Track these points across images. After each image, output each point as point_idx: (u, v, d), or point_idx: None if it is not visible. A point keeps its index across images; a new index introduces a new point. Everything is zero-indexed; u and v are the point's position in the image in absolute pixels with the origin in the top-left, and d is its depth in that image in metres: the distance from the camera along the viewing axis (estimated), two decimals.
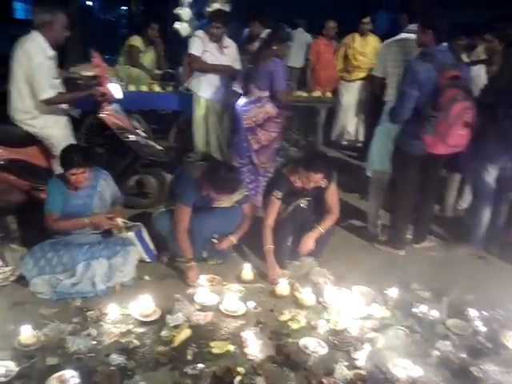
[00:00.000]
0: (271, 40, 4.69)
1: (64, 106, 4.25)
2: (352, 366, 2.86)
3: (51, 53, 3.99)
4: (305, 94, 6.76)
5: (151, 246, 3.97)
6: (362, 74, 7.14)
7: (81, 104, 4.86)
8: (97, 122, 4.72)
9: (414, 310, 3.45)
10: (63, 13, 4.00)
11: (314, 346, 3.00)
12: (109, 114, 4.44)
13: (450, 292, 3.66)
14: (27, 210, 3.77)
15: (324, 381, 2.69)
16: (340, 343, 3.04)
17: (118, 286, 3.49)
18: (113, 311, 3.20)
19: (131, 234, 3.81)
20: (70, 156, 3.46)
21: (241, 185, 3.91)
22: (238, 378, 2.67)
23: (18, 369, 2.64)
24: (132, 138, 4.57)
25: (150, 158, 4.73)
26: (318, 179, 3.70)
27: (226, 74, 5.59)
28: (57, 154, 3.83)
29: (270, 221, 3.89)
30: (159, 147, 4.87)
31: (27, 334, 2.84)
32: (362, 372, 2.80)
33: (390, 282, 3.76)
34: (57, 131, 4.16)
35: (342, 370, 2.78)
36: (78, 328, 3.04)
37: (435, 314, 3.40)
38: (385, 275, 3.95)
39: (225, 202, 3.88)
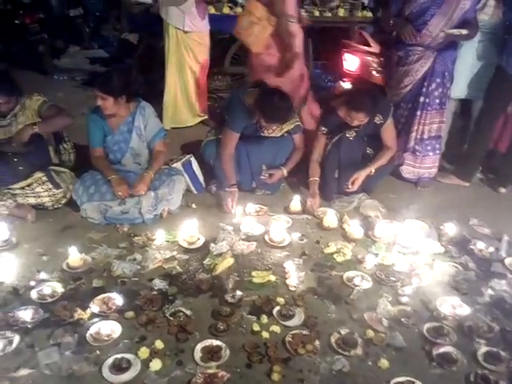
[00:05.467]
0: None
1: None
2: (397, 302, 2.76)
3: None
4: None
5: (200, 178, 3.94)
6: None
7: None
8: None
9: (470, 246, 3.27)
10: None
11: (359, 280, 2.91)
12: None
13: None
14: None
15: (365, 315, 2.62)
16: (386, 278, 2.94)
17: (164, 213, 3.50)
18: (159, 237, 3.24)
19: (178, 165, 3.78)
20: None
21: (293, 114, 3.75)
22: (277, 308, 2.65)
23: (63, 290, 2.73)
24: None
25: None
26: (360, 118, 3.48)
27: None
28: None
29: (316, 156, 3.79)
30: None
31: (75, 256, 2.93)
32: (407, 308, 2.70)
33: (448, 216, 3.58)
34: None
35: (385, 306, 2.70)
36: (124, 253, 3.11)
37: (493, 251, 3.21)
38: (443, 209, 3.75)
39: (275, 131, 3.76)
